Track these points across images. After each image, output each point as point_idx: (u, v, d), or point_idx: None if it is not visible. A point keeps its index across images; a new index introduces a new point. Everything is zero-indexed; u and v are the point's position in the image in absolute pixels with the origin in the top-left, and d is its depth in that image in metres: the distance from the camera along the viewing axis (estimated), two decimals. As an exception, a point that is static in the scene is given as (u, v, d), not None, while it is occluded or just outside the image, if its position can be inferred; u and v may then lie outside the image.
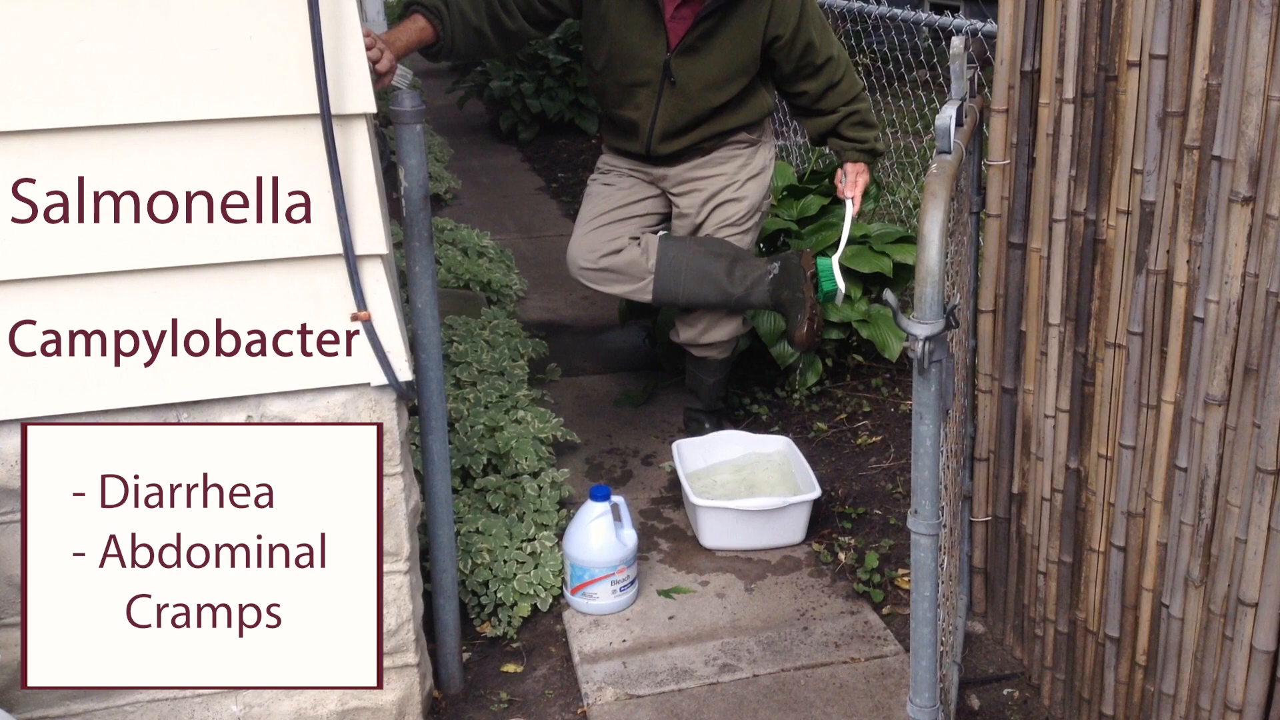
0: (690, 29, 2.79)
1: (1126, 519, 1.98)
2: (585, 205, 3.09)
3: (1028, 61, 2.05)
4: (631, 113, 2.93)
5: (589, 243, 2.99)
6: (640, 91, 2.89)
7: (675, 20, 2.80)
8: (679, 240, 3.01)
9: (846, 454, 3.30)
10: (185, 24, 1.72)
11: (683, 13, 2.80)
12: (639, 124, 2.94)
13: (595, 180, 3.14)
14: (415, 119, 1.99)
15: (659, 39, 2.82)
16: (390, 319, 1.91)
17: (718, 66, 2.85)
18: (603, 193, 3.07)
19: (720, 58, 2.84)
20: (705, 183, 3.02)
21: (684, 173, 3.02)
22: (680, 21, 2.81)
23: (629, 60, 2.85)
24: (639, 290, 2.99)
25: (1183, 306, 1.79)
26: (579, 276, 3.01)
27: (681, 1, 2.79)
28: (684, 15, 2.80)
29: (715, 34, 2.81)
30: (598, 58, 2.91)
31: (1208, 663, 1.83)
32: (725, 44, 2.83)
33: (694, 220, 3.04)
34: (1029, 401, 2.20)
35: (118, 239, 1.78)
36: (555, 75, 7.42)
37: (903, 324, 1.47)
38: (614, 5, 2.81)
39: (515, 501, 2.78)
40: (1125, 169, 1.87)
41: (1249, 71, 1.59)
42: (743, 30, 2.82)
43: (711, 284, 2.96)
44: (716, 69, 2.85)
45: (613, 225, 3.01)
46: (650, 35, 2.82)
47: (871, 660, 2.41)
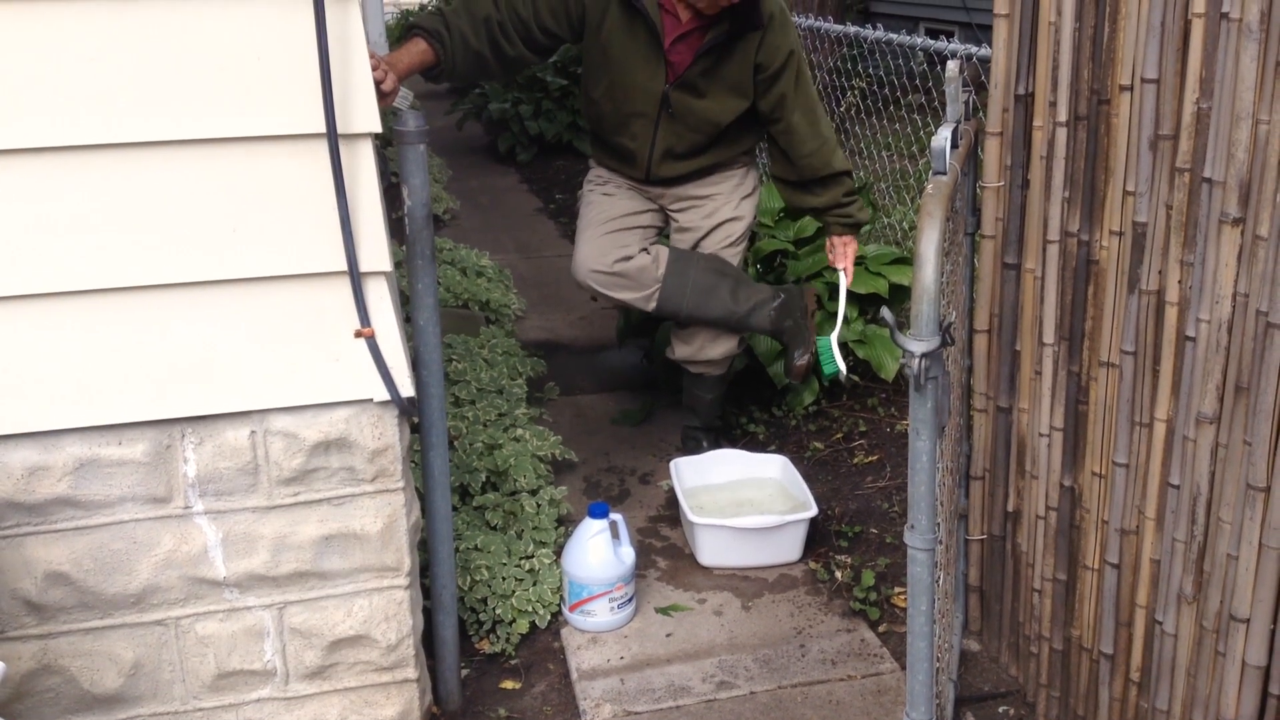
0: (690, 65, 2.83)
1: (1120, 536, 2.00)
2: (589, 211, 3.09)
3: (1021, 85, 2.09)
4: (629, 141, 2.96)
5: (601, 246, 2.99)
6: (637, 121, 2.92)
7: (674, 53, 2.84)
8: (687, 253, 3.04)
9: (843, 473, 3.32)
10: (194, 44, 1.75)
11: (679, 47, 2.83)
12: (637, 153, 2.97)
13: (593, 189, 3.14)
14: (419, 139, 2.02)
15: (659, 71, 2.85)
16: (393, 335, 1.94)
17: (716, 99, 2.88)
18: (605, 202, 3.08)
19: (719, 90, 2.88)
20: (705, 202, 3.05)
21: (683, 191, 3.05)
22: (679, 55, 2.84)
23: (629, 91, 2.89)
24: (644, 299, 3.00)
25: (1175, 326, 1.82)
26: (588, 280, 3.00)
27: (679, 36, 2.83)
28: (681, 50, 2.83)
29: (715, 70, 2.85)
30: (596, 85, 2.94)
31: (1201, 678, 1.85)
32: (724, 78, 2.86)
33: (696, 235, 3.06)
34: (1024, 420, 2.23)
35: (126, 255, 1.81)
36: (553, 98, 7.48)
37: (900, 341, 1.49)
38: (615, 36, 2.84)
39: (514, 519, 2.79)
40: (1117, 191, 1.90)
41: (1238, 95, 1.62)
42: (739, 63, 2.86)
43: (716, 299, 2.99)
44: (715, 101, 2.89)
45: (623, 233, 3.02)
46: (651, 67, 2.85)
47: (868, 678, 2.42)
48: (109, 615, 1.94)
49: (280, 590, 2.01)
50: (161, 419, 1.87)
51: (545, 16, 2.78)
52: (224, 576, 1.97)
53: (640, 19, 2.79)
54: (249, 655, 2.03)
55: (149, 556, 1.93)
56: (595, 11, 2.81)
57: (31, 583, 1.89)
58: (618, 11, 2.80)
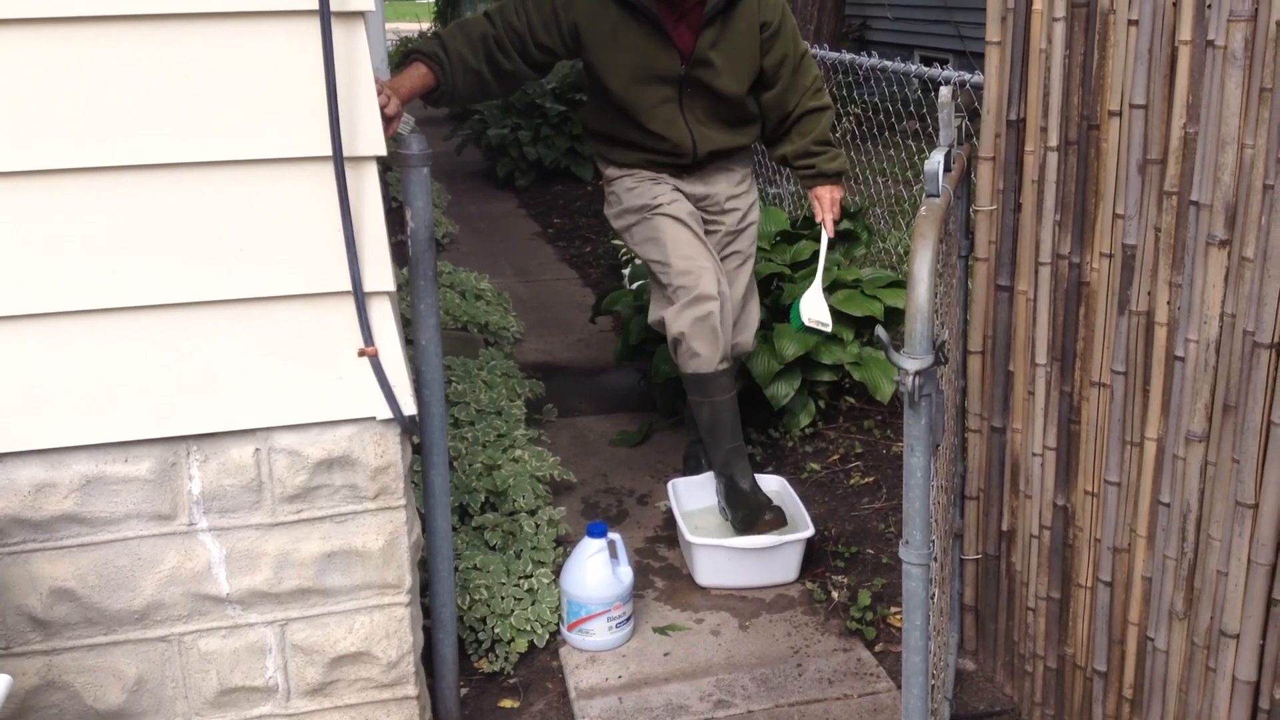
0: (698, 42, 2.87)
1: (1112, 554, 2.03)
2: (679, 240, 2.94)
3: (1013, 111, 2.13)
4: (664, 128, 2.95)
5: (715, 275, 2.93)
6: (665, 108, 2.93)
7: (679, 36, 2.88)
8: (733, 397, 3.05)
9: (839, 494, 3.35)
10: (205, 69, 1.79)
11: (681, 29, 2.88)
12: (677, 138, 2.95)
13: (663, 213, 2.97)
14: (422, 162, 2.06)
15: (672, 56, 2.89)
16: (396, 354, 1.96)
17: (730, 71, 2.93)
18: (688, 233, 2.97)
19: (732, 60, 2.92)
20: (740, 199, 3.12)
21: (725, 192, 3.09)
22: (684, 37, 2.88)
23: (648, 81, 2.90)
24: (711, 355, 2.91)
25: (1164, 346, 1.85)
26: (716, 300, 2.91)
27: (679, 18, 2.87)
28: (684, 31, 2.88)
29: (722, 39, 2.89)
30: (615, 84, 2.91)
31: (1192, 694, 1.87)
32: (734, 45, 2.91)
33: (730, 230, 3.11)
34: (1017, 440, 2.26)
35: (134, 275, 1.84)
36: (552, 124, 7.54)
37: (894, 359, 1.53)
38: (621, 35, 2.85)
39: (513, 539, 2.82)
40: (1107, 214, 1.94)
41: (1224, 120, 1.66)
42: (745, 28, 2.91)
43: (725, 432, 3.01)
44: (729, 73, 2.93)
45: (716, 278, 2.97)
46: (663, 54, 2.88)
47: (864, 697, 2.44)
48: (113, 631, 1.96)
49: (282, 607, 2.03)
50: (167, 437, 1.90)
51: (539, 32, 2.83)
52: (227, 593, 1.99)
53: (638, 13, 2.84)
54: (251, 672, 2.05)
55: (153, 573, 1.95)
56: (590, 20, 2.84)
57: (37, 599, 1.91)
58: (616, 12, 2.84)
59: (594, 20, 2.84)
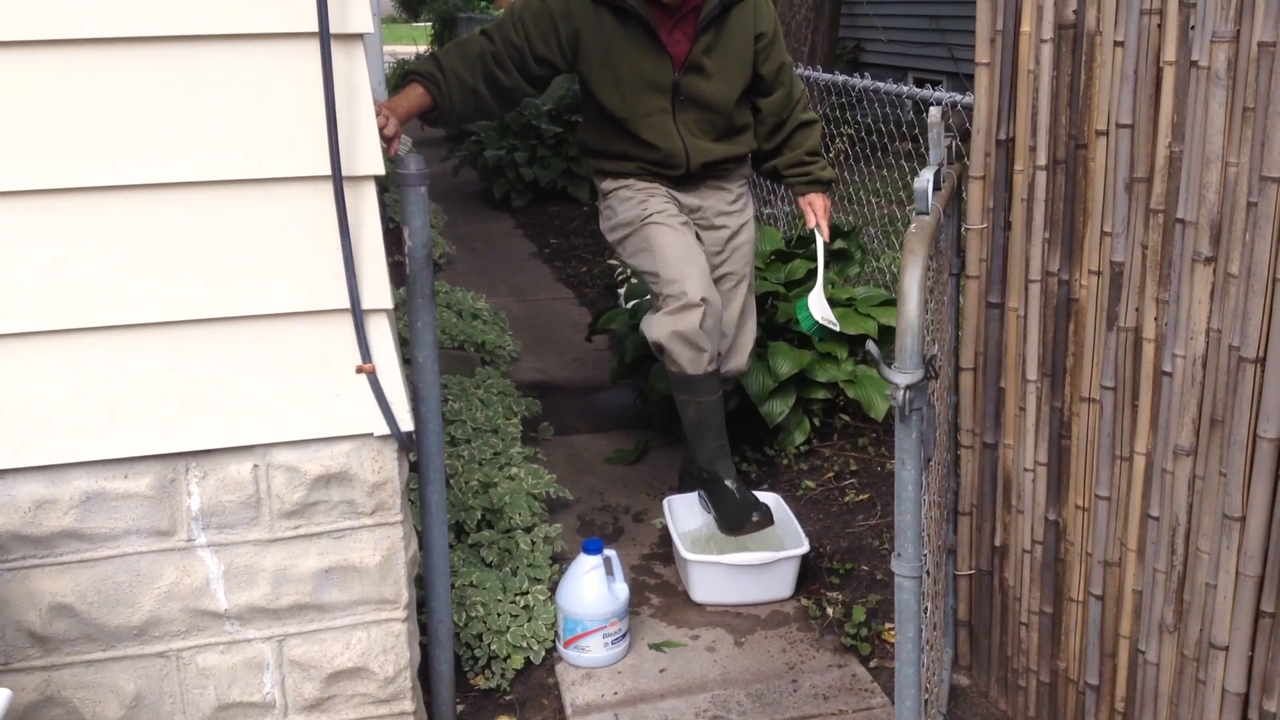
0: (691, 49, 2.91)
1: (1103, 568, 2.05)
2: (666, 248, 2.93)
3: (1002, 130, 2.16)
4: (656, 138, 2.97)
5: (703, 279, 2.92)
6: (657, 117, 2.96)
7: (673, 43, 2.92)
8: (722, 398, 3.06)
9: (834, 511, 3.37)
10: (204, 89, 1.82)
11: (676, 36, 2.92)
12: (670, 148, 2.98)
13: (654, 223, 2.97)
14: (420, 181, 2.09)
15: (665, 63, 2.92)
16: (393, 371, 1.99)
17: (722, 78, 2.96)
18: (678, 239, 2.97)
19: (724, 68, 2.96)
20: (730, 218, 3.14)
21: (715, 208, 3.12)
22: (678, 43, 2.92)
23: (640, 88, 2.93)
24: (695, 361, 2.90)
25: (1152, 361, 1.88)
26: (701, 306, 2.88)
27: (673, 24, 2.90)
28: (678, 38, 2.92)
29: (716, 47, 2.93)
30: (608, 93, 2.93)
31: (1183, 707, 1.89)
32: (727, 52, 2.95)
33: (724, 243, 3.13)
34: (1009, 456, 2.28)
35: (134, 293, 1.86)
36: (548, 145, 7.59)
37: (885, 374, 1.55)
38: (616, 42, 2.88)
39: (509, 556, 2.83)
40: (1095, 231, 1.96)
41: (1208, 139, 1.69)
42: (739, 35, 2.95)
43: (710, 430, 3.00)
44: (721, 81, 2.96)
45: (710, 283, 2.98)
46: (656, 61, 2.91)
47: (859, 712, 2.45)
48: (111, 647, 1.97)
49: (280, 622, 2.04)
50: (167, 453, 1.92)
51: (538, 45, 2.86)
52: (225, 609, 2.01)
53: (633, 19, 2.87)
54: (249, 687, 2.06)
55: (152, 589, 1.96)
56: (588, 28, 2.88)
57: (36, 614, 1.92)
58: (611, 20, 2.87)
59: (591, 29, 2.88)
